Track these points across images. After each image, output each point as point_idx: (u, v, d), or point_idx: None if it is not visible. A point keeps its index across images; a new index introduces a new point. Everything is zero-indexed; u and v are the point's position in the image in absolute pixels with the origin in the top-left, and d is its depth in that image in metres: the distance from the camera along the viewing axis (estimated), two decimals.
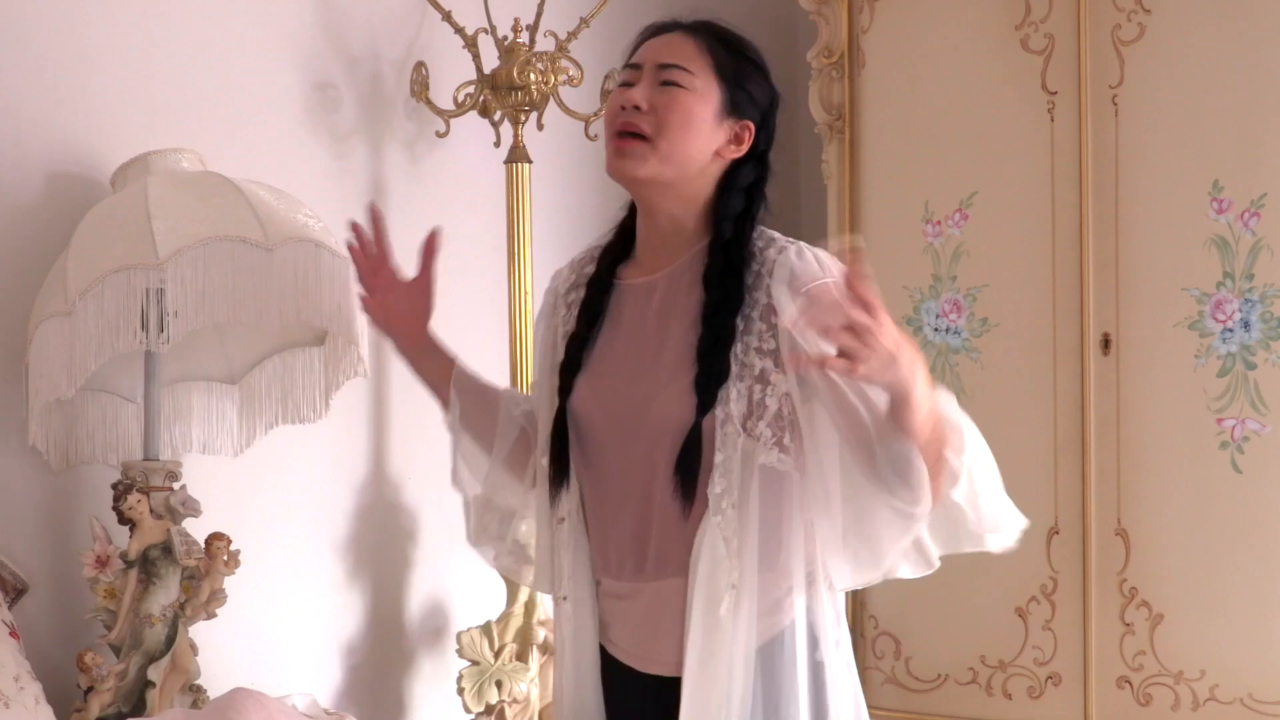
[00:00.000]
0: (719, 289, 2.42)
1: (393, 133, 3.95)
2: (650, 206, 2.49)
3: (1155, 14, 3.66)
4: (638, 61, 2.51)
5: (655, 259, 2.51)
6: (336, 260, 3.16)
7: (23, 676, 2.96)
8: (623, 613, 2.50)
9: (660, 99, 2.45)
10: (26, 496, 3.30)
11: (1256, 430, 3.54)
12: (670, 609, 2.43)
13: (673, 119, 2.44)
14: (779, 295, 2.39)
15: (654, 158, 2.44)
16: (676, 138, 2.44)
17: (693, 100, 2.46)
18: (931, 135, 3.95)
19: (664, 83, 2.46)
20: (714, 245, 2.47)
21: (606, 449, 2.49)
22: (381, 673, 3.88)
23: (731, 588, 2.38)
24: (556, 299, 2.63)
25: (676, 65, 2.47)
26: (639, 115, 2.44)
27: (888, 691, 4.00)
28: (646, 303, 2.49)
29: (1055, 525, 3.77)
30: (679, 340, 2.44)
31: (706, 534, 2.39)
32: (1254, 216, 3.55)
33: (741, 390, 2.39)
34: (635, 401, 2.45)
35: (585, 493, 2.53)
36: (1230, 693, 3.57)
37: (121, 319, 3.03)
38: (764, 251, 2.45)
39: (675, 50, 2.49)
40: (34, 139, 3.32)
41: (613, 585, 2.51)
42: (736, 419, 2.39)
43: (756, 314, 2.41)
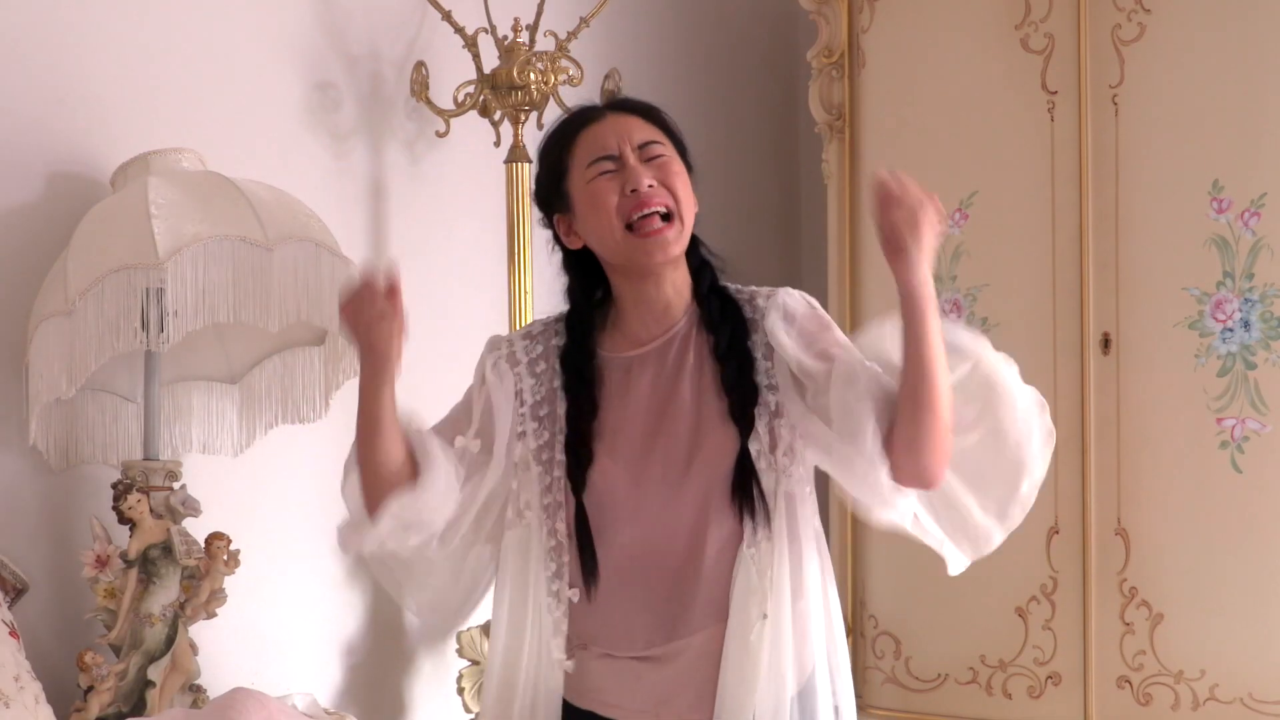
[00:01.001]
0: (726, 325, 2.48)
1: (393, 132, 3.95)
2: (660, 280, 2.50)
3: (1155, 14, 3.65)
4: (608, 152, 2.47)
5: (650, 327, 2.51)
6: (336, 260, 3.17)
7: (23, 676, 2.96)
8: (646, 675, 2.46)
9: (660, 174, 2.47)
10: (27, 496, 3.31)
11: (1257, 430, 3.54)
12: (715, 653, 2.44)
13: (679, 186, 2.48)
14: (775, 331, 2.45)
15: (683, 232, 2.48)
16: (688, 210, 2.48)
17: (679, 165, 2.50)
18: (931, 135, 3.95)
19: (651, 159, 2.48)
20: (699, 295, 2.52)
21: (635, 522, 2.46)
22: (381, 672, 3.88)
23: (763, 617, 2.41)
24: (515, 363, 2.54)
25: (654, 141, 2.50)
26: (654, 192, 2.45)
27: (888, 691, 4.00)
28: (658, 366, 2.50)
29: (1055, 525, 3.77)
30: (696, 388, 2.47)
31: (741, 567, 2.42)
32: (1254, 216, 3.55)
33: (764, 425, 2.45)
34: (676, 458, 2.45)
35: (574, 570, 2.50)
36: (1230, 692, 3.57)
37: (121, 318, 3.03)
38: (751, 300, 2.52)
39: (637, 129, 2.50)
40: (34, 139, 3.32)
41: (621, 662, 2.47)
42: (766, 450, 2.44)
43: (759, 353, 2.47)
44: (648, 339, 2.51)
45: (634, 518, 2.46)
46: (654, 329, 2.51)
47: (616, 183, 2.45)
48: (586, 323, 2.54)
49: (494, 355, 2.56)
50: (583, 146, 2.49)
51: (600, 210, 2.46)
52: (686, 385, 2.47)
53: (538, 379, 2.54)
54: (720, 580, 2.43)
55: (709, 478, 2.43)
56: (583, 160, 2.49)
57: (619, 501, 2.46)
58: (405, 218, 3.96)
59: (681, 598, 2.44)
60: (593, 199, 2.47)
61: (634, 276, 2.50)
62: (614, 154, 2.47)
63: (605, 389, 2.50)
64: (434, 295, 3.98)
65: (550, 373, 2.54)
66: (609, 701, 2.49)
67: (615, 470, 2.47)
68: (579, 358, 2.52)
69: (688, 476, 2.44)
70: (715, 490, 2.43)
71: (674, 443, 2.45)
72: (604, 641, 2.48)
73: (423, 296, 3.95)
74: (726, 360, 2.45)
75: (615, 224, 2.45)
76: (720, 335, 2.47)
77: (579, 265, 2.56)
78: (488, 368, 2.56)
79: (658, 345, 2.50)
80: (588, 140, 2.49)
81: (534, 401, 2.53)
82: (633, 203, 2.44)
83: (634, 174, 2.45)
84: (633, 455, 2.47)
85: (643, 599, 2.46)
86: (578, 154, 2.49)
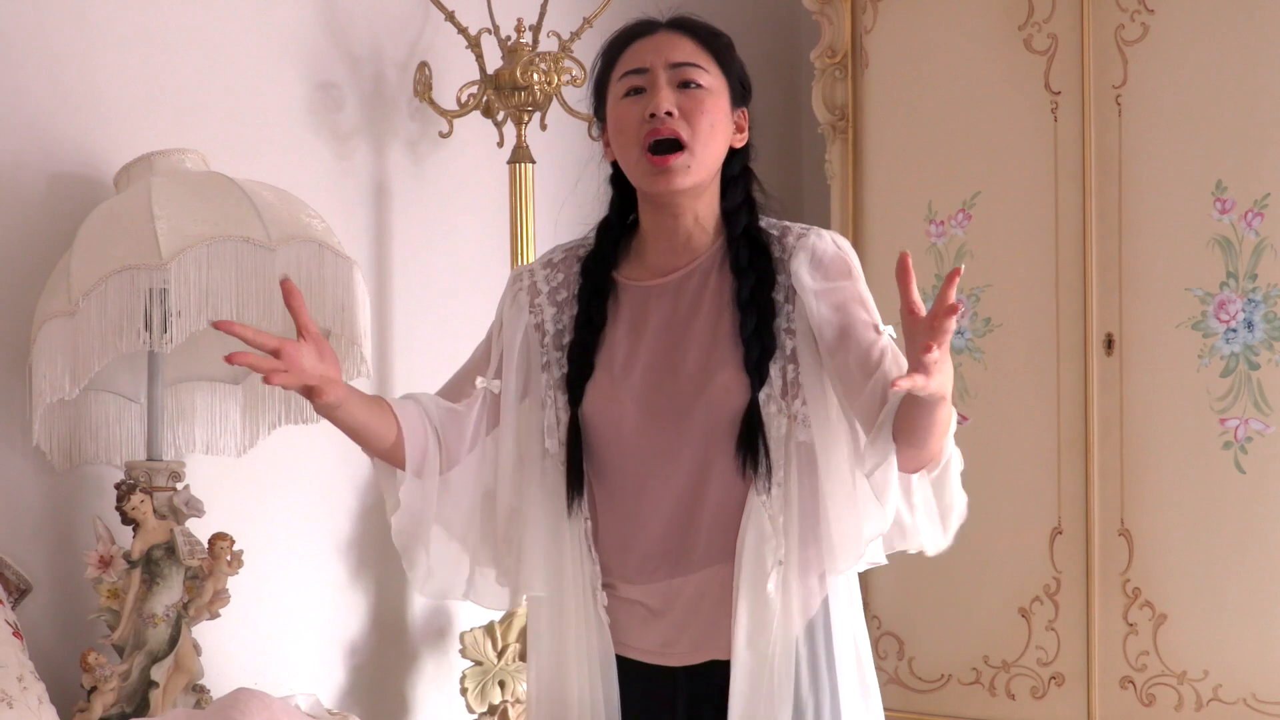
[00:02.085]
0: (752, 272, 2.44)
1: (396, 133, 3.95)
2: (678, 210, 2.46)
3: (1158, 14, 3.65)
4: (641, 65, 2.45)
5: (670, 259, 2.49)
6: (339, 260, 3.17)
7: (26, 677, 2.96)
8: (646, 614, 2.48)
9: (686, 102, 2.42)
10: (30, 496, 3.31)
11: (1260, 430, 3.54)
12: (712, 596, 2.43)
13: (704, 122, 2.42)
14: (799, 273, 2.42)
15: (694, 164, 2.42)
16: (708, 141, 2.43)
17: (714, 100, 2.45)
18: (935, 135, 3.95)
19: (683, 83, 2.44)
20: (732, 236, 2.47)
21: (636, 451, 2.46)
22: (385, 673, 3.88)
23: (779, 564, 2.40)
24: (535, 294, 2.54)
25: (691, 64, 2.44)
26: (670, 121, 2.41)
27: (891, 692, 4.00)
28: (674, 300, 2.47)
29: (1058, 525, 3.77)
30: (717, 329, 2.44)
31: (752, 514, 2.40)
32: (1257, 216, 3.54)
33: (777, 370, 2.42)
34: (680, 393, 2.43)
35: (598, 499, 2.50)
36: (1233, 693, 3.57)
37: (125, 319, 3.03)
38: (783, 239, 2.47)
39: (680, 48, 2.45)
40: (38, 139, 3.32)
41: (635, 590, 2.48)
42: (778, 396, 2.41)
43: (781, 295, 2.44)
44: (667, 270, 2.49)
45: (637, 447, 2.46)
46: (674, 261, 2.49)
47: (640, 104, 2.43)
48: (613, 239, 2.53)
49: (514, 289, 2.56)
50: (624, 59, 2.48)
51: (622, 131, 2.45)
52: (701, 323, 2.45)
53: (559, 308, 2.53)
54: (723, 521, 2.42)
55: (714, 419, 2.41)
56: (618, 74, 2.48)
57: (624, 429, 2.46)
58: (408, 218, 3.97)
59: (684, 533, 2.44)
60: (617, 119, 2.47)
61: (652, 203, 2.48)
62: (646, 68, 2.44)
63: (618, 314, 2.49)
64: (437, 296, 3.98)
65: (570, 300, 2.53)
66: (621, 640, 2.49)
67: (620, 396, 2.46)
68: (598, 271, 2.51)
69: (692, 415, 2.42)
70: (720, 432, 2.41)
71: (681, 379, 2.44)
72: (614, 570, 2.48)
73: (425, 297, 3.97)
74: (746, 309, 2.42)
75: (634, 146, 2.43)
76: (744, 282, 2.43)
77: (620, 182, 2.55)
78: (506, 305, 2.56)
79: (676, 278, 2.48)
80: (629, 54, 2.47)
81: (555, 331, 2.52)
82: (650, 127, 2.41)
83: (656, 97, 2.42)
84: (639, 385, 2.46)
85: (645, 530, 2.46)
86: (618, 66, 2.48)
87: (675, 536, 2.45)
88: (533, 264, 2.61)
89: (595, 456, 2.49)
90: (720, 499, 2.43)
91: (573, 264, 2.56)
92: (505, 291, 2.59)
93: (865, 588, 4.03)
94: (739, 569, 2.40)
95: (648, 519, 2.46)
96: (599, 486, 2.50)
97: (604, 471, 2.49)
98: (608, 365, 2.48)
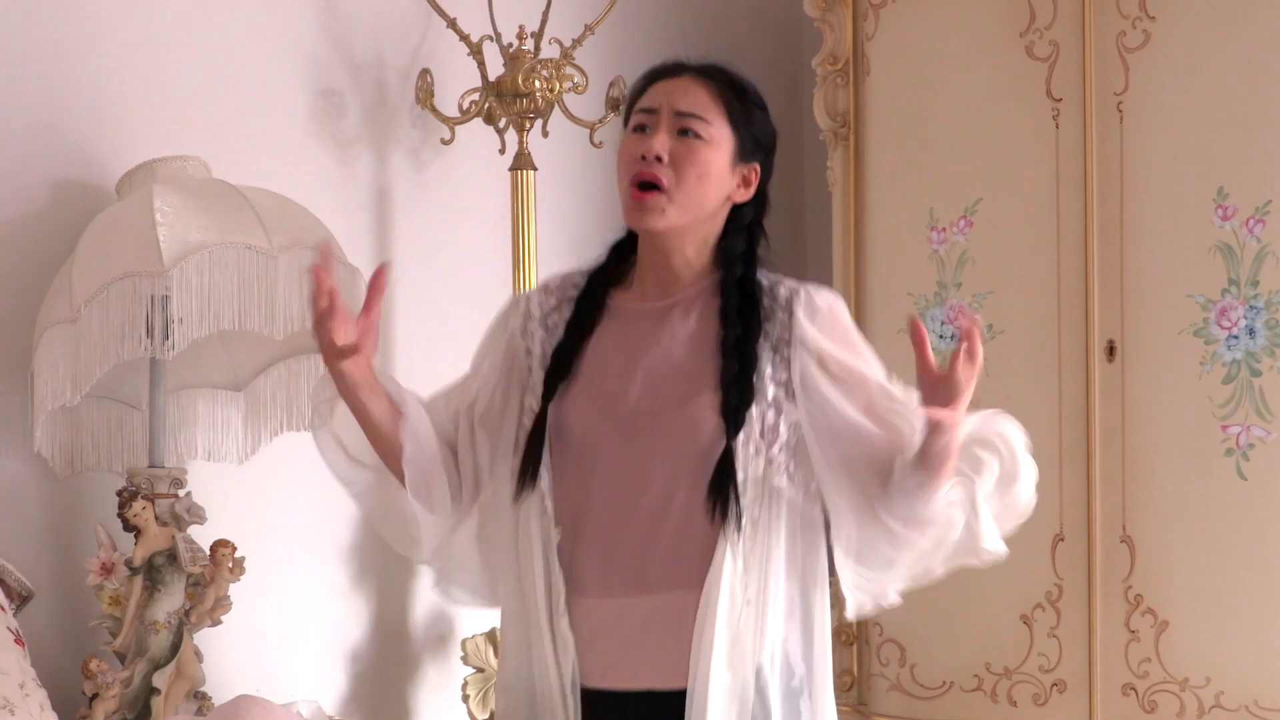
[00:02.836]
0: (739, 321, 2.47)
1: (398, 140, 3.95)
2: (665, 248, 2.51)
3: (1160, 21, 3.65)
4: (652, 105, 2.50)
5: (660, 289, 2.53)
6: (341, 267, 3.17)
7: (28, 683, 2.96)
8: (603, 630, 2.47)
9: (679, 150, 2.47)
10: (32, 503, 3.31)
11: (1262, 437, 3.54)
12: (672, 622, 2.43)
13: (691, 172, 2.46)
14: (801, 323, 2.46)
15: (671, 208, 2.46)
16: (692, 189, 2.47)
17: (710, 152, 2.48)
18: (936, 142, 3.95)
19: (681, 131, 2.48)
20: (726, 283, 2.51)
21: (601, 460, 2.47)
22: (386, 679, 3.88)
23: (747, 604, 2.42)
24: (529, 319, 2.58)
25: (694, 115, 2.48)
26: (658, 165, 2.45)
27: (893, 699, 4.00)
28: (654, 327, 2.51)
29: (1060, 532, 3.76)
30: (693, 363, 2.47)
31: (726, 551, 2.41)
32: (1259, 223, 3.55)
33: (757, 414, 2.44)
34: (648, 411, 2.45)
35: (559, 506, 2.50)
36: (1235, 700, 3.56)
37: (127, 326, 3.04)
38: (774, 289, 2.50)
39: (691, 97, 2.50)
40: (40, 146, 3.33)
41: (591, 604, 2.47)
42: (756, 437, 2.44)
43: (769, 345, 2.46)
44: (656, 298, 2.53)
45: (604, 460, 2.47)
46: (661, 291, 2.52)
47: (640, 143, 2.48)
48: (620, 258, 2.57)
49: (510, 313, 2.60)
50: (644, 96, 2.53)
51: (620, 163, 2.51)
52: (679, 356, 2.48)
53: (548, 332, 2.56)
54: (684, 549, 2.43)
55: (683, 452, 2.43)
56: (636, 108, 2.53)
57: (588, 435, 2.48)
58: (410, 225, 3.97)
59: (643, 552, 2.44)
60: (621, 150, 2.52)
61: (645, 239, 2.53)
62: (655, 109, 2.49)
63: (605, 331, 2.52)
64: (438, 303, 3.98)
65: (560, 323, 2.55)
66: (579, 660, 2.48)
67: (586, 407, 2.48)
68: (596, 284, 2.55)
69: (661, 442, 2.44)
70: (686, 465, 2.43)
71: (652, 406, 2.46)
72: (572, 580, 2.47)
73: (427, 304, 3.97)
74: (729, 355, 2.45)
75: (624, 179, 2.48)
76: (730, 329, 2.46)
77: None
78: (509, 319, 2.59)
79: (662, 306, 2.51)
80: (649, 92, 2.52)
81: (541, 353, 2.55)
82: (638, 167, 2.47)
83: (651, 140, 2.47)
84: (612, 401, 2.48)
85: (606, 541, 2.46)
86: (639, 101, 2.53)
87: (635, 554, 2.45)
88: (530, 291, 2.65)
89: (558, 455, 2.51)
90: (680, 527, 2.43)
91: (567, 289, 2.59)
92: (501, 313, 2.63)
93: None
94: (704, 600, 2.41)
95: (607, 524, 2.47)
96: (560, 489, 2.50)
97: (565, 473, 2.50)
98: (587, 374, 2.51)
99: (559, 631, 2.47)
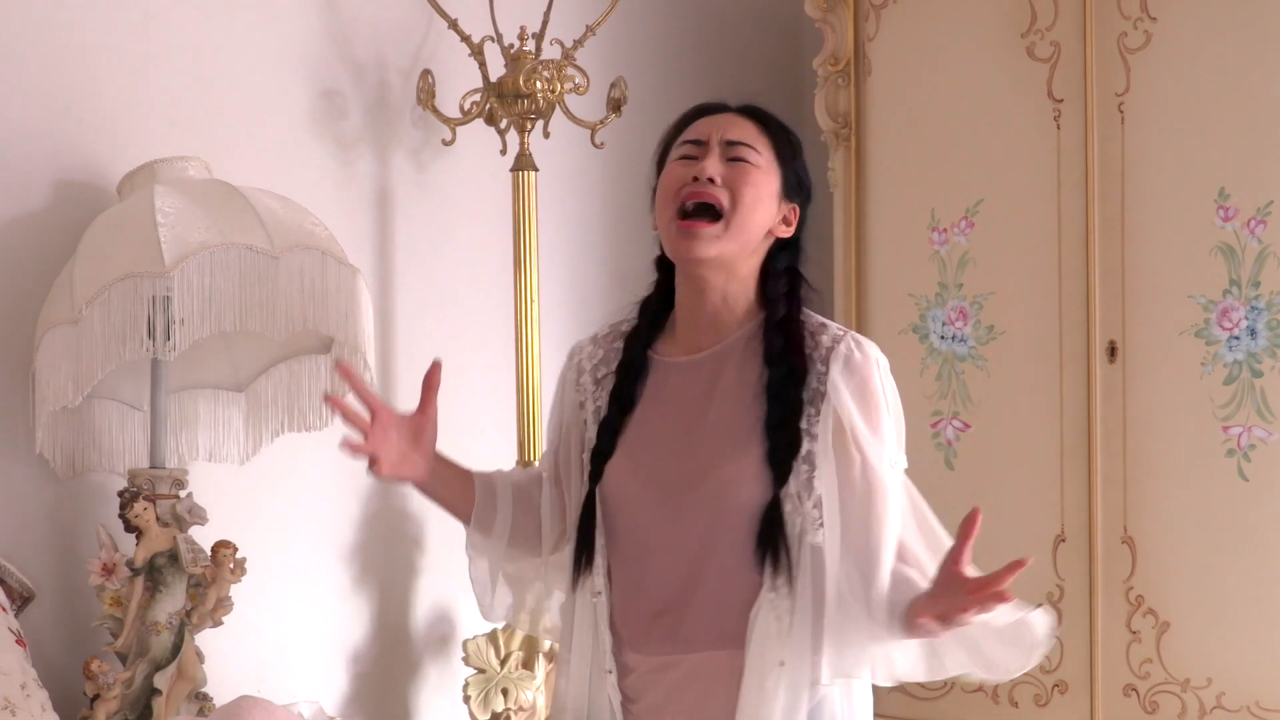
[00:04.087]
0: (783, 365, 2.43)
1: (399, 141, 3.95)
2: (704, 284, 2.47)
3: (1161, 21, 3.66)
4: (699, 137, 2.48)
5: (699, 337, 2.50)
6: (342, 268, 3.17)
7: (29, 684, 2.96)
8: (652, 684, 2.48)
9: (732, 173, 2.44)
10: (33, 504, 3.31)
11: (1263, 438, 3.54)
12: (710, 682, 2.43)
13: (747, 193, 2.44)
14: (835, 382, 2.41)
15: (726, 235, 2.43)
16: (748, 211, 2.44)
17: (762, 176, 2.47)
18: (937, 143, 3.95)
19: (733, 159, 2.46)
20: (769, 324, 2.47)
21: (642, 525, 2.47)
22: (387, 680, 3.88)
23: (780, 664, 2.39)
24: (581, 373, 2.59)
25: (745, 143, 2.47)
26: (712, 187, 2.43)
27: (895, 699, 4.00)
28: (695, 379, 2.48)
29: (1061, 533, 3.77)
30: (733, 417, 2.44)
31: (761, 609, 2.40)
32: (1260, 224, 3.55)
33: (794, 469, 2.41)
34: (686, 475, 2.44)
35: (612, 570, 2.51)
36: (1237, 700, 3.56)
37: (128, 327, 3.04)
38: (817, 335, 2.46)
39: (740, 129, 2.49)
40: (41, 147, 3.33)
41: (639, 660, 2.49)
42: (794, 495, 2.41)
43: (806, 397, 2.42)
44: (693, 349, 2.50)
45: (644, 519, 2.46)
46: (700, 340, 2.50)
47: (689, 168, 2.46)
48: (652, 317, 2.55)
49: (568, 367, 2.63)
50: (686, 132, 2.52)
51: (665, 189, 2.48)
52: (718, 407, 2.46)
53: (598, 385, 2.56)
54: (723, 606, 2.42)
55: (722, 506, 2.41)
56: (678, 143, 2.51)
57: (626, 499, 2.47)
58: (411, 226, 3.97)
59: (682, 610, 2.44)
60: (665, 179, 2.49)
61: (683, 276, 2.50)
62: (703, 140, 2.48)
63: (647, 390, 2.51)
64: (440, 304, 3.98)
65: (610, 377, 2.55)
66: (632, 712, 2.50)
67: (628, 478, 2.48)
68: (634, 348, 2.53)
69: (700, 498, 2.43)
70: (726, 521, 2.41)
71: (692, 461, 2.44)
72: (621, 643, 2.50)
73: (428, 305, 3.97)
74: (775, 401, 2.41)
75: (670, 206, 2.46)
76: (775, 372, 2.43)
77: (664, 259, 2.57)
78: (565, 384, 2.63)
79: (701, 358, 2.49)
80: (692, 128, 2.51)
81: (594, 409, 2.56)
82: (690, 190, 2.44)
83: (704, 163, 2.44)
84: (648, 461, 2.47)
85: (647, 599, 2.46)
86: (680, 138, 2.52)
87: (674, 611, 2.45)
88: (584, 340, 2.65)
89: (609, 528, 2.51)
90: (719, 584, 2.43)
91: (615, 339, 2.59)
92: (564, 369, 2.65)
93: None
94: (746, 661, 2.40)
95: (650, 588, 2.47)
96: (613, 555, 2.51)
97: (616, 541, 2.51)
98: (630, 442, 2.50)
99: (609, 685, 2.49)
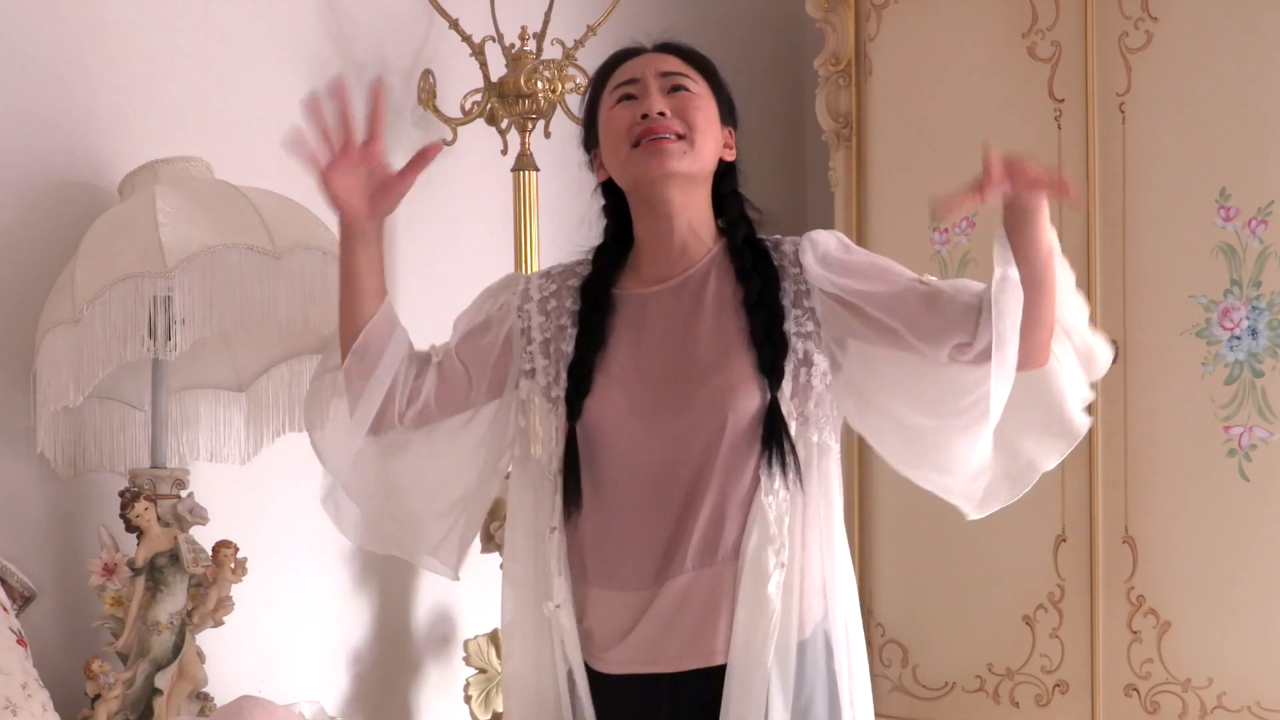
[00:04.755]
0: (758, 275, 2.47)
1: (400, 140, 3.95)
2: (671, 211, 2.49)
3: (1162, 21, 3.66)
4: (632, 77, 2.52)
5: (665, 268, 2.52)
6: None
7: (30, 684, 2.96)
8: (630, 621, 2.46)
9: (677, 103, 2.49)
10: (34, 504, 3.31)
11: (1264, 438, 3.54)
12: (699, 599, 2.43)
13: (699, 117, 2.48)
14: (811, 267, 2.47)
15: (692, 152, 2.47)
16: (703, 134, 2.49)
17: (705, 102, 2.52)
18: (939, 143, 3.95)
19: (673, 89, 2.50)
20: (734, 243, 2.52)
21: (636, 458, 2.46)
22: (388, 680, 3.88)
23: (780, 566, 2.40)
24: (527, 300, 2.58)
25: (680, 74, 2.52)
26: (664, 120, 2.46)
27: (895, 699, 4.00)
28: (675, 304, 2.50)
29: (1062, 533, 3.77)
30: (720, 332, 2.47)
31: (757, 515, 2.41)
32: (1261, 224, 3.55)
33: (789, 372, 2.45)
34: (683, 394, 2.45)
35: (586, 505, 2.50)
36: (1238, 700, 3.56)
37: (129, 327, 3.04)
38: (779, 246, 2.52)
39: (670, 63, 2.54)
40: (42, 147, 3.33)
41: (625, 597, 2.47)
42: (787, 398, 2.44)
43: (789, 301, 2.46)
44: (663, 279, 2.52)
45: (636, 454, 2.46)
46: (669, 269, 2.52)
47: (632, 108, 2.49)
48: (611, 257, 2.57)
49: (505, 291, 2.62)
50: (614, 78, 2.55)
51: (612, 133, 2.51)
52: (704, 326, 2.47)
53: (547, 316, 2.56)
54: (717, 523, 2.43)
55: (721, 418, 2.42)
56: (609, 90, 2.54)
57: (619, 430, 2.47)
58: (412, 225, 3.96)
59: (677, 536, 2.43)
60: (608, 123, 2.52)
61: (646, 208, 2.51)
62: (637, 79, 2.51)
63: (616, 323, 2.51)
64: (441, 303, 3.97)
65: (560, 310, 2.55)
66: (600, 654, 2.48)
67: (619, 399, 2.48)
68: (597, 287, 2.54)
69: (698, 415, 2.43)
70: (724, 433, 2.42)
71: (686, 382, 2.45)
72: (597, 576, 2.48)
73: (428, 305, 3.96)
74: (756, 311, 2.46)
75: (624, 144, 2.48)
76: (751, 286, 2.47)
77: (614, 206, 2.60)
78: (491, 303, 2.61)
79: (674, 284, 2.51)
80: (618, 72, 2.55)
81: (542, 339, 2.55)
82: (642, 127, 2.47)
83: (649, 100, 2.48)
84: (640, 389, 2.47)
85: (638, 533, 2.46)
86: (609, 85, 2.55)
87: (669, 540, 2.44)
88: (530, 274, 2.66)
89: (591, 468, 2.50)
90: (718, 500, 2.43)
91: (569, 278, 2.59)
92: (494, 289, 2.64)
93: (869, 594, 4.04)
94: (741, 570, 2.41)
95: (644, 524, 2.46)
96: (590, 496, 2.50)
97: (600, 482, 2.49)
98: (605, 376, 2.49)
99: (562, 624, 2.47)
